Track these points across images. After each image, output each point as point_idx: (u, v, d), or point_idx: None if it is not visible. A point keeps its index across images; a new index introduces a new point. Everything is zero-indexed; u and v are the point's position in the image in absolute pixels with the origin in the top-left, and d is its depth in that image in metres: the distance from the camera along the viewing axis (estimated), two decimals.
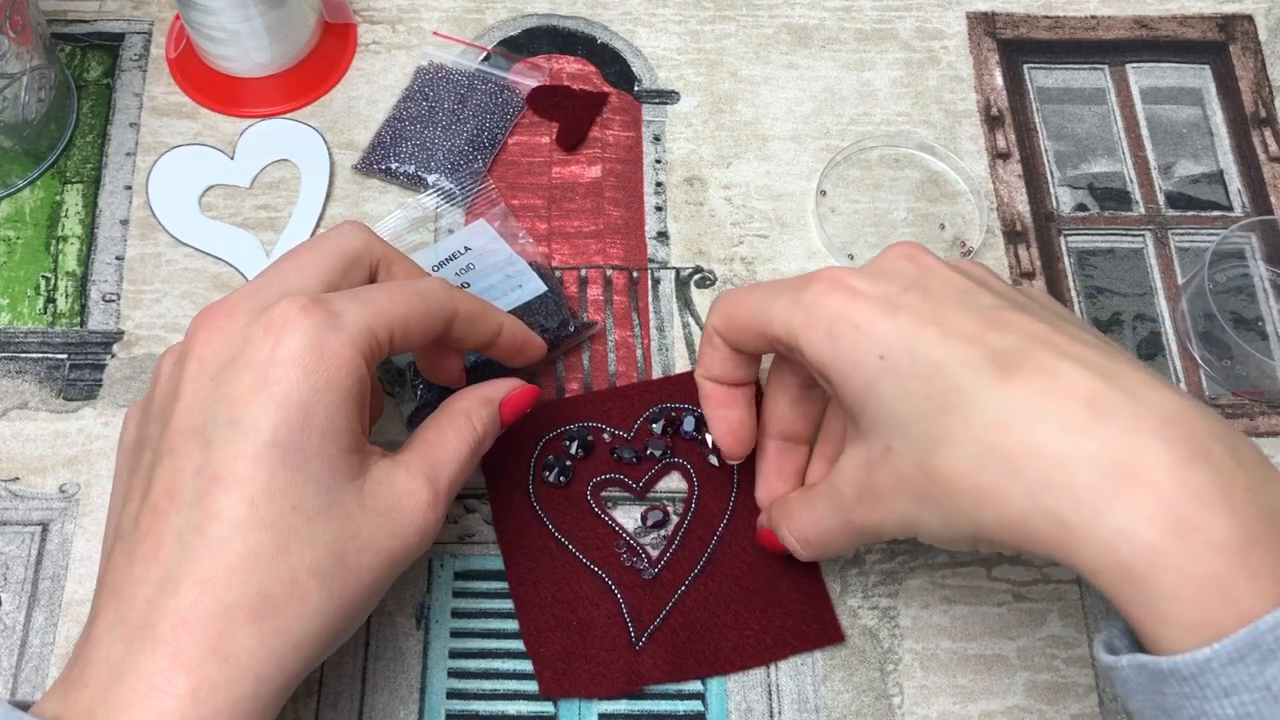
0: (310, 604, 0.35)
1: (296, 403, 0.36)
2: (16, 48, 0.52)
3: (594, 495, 0.49)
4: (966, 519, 0.35)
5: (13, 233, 0.56)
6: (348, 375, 0.37)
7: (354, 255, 0.41)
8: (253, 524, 0.35)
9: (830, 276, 0.39)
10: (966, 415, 0.34)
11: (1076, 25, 0.62)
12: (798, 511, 0.43)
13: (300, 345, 0.36)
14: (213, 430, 0.36)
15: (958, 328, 0.36)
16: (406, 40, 0.61)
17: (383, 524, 0.38)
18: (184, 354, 0.38)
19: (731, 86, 0.60)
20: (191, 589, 0.34)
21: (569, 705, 0.46)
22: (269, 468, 0.35)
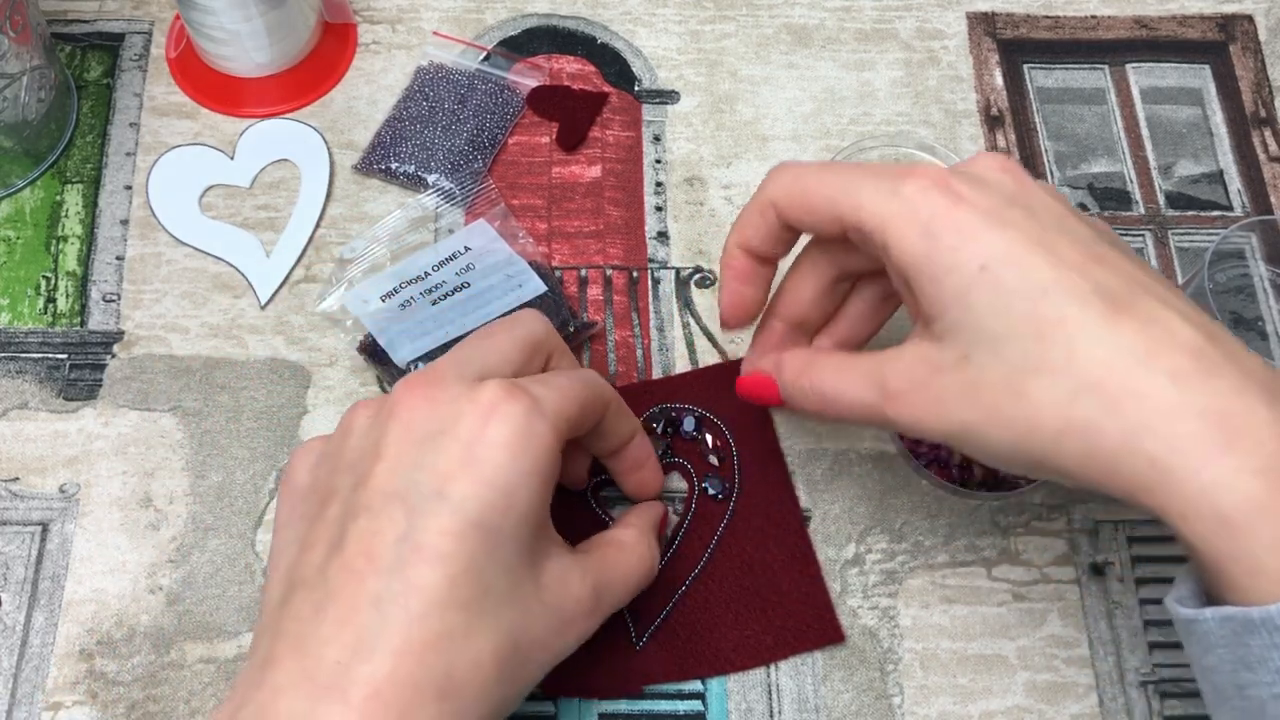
0: (488, 690, 0.35)
1: (503, 485, 0.36)
2: (16, 48, 0.52)
3: (594, 495, 0.49)
4: (1043, 446, 0.35)
5: (13, 233, 0.56)
6: (549, 462, 0.37)
7: (538, 344, 0.42)
8: (451, 603, 0.35)
9: (932, 175, 0.38)
10: (1071, 347, 0.34)
11: (1076, 25, 0.62)
12: (826, 371, 0.41)
13: (511, 429, 0.36)
14: (416, 499, 0.36)
15: (1065, 256, 0.36)
16: (406, 40, 0.61)
17: (552, 620, 0.38)
18: (388, 414, 0.38)
19: (731, 86, 0.60)
20: (387, 659, 0.34)
21: (569, 705, 0.46)
22: (470, 547, 0.35)
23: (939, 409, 0.37)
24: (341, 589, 0.35)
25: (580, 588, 0.39)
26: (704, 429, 0.50)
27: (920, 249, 0.37)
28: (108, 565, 0.48)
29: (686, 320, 0.54)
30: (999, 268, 0.36)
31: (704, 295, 0.55)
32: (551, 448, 0.37)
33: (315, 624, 0.35)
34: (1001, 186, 0.38)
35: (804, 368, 0.42)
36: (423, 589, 0.35)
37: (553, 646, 0.38)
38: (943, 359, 0.37)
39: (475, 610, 0.35)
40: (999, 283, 0.36)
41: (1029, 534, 0.49)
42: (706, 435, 0.50)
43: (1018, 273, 0.35)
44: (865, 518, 0.50)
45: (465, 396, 0.37)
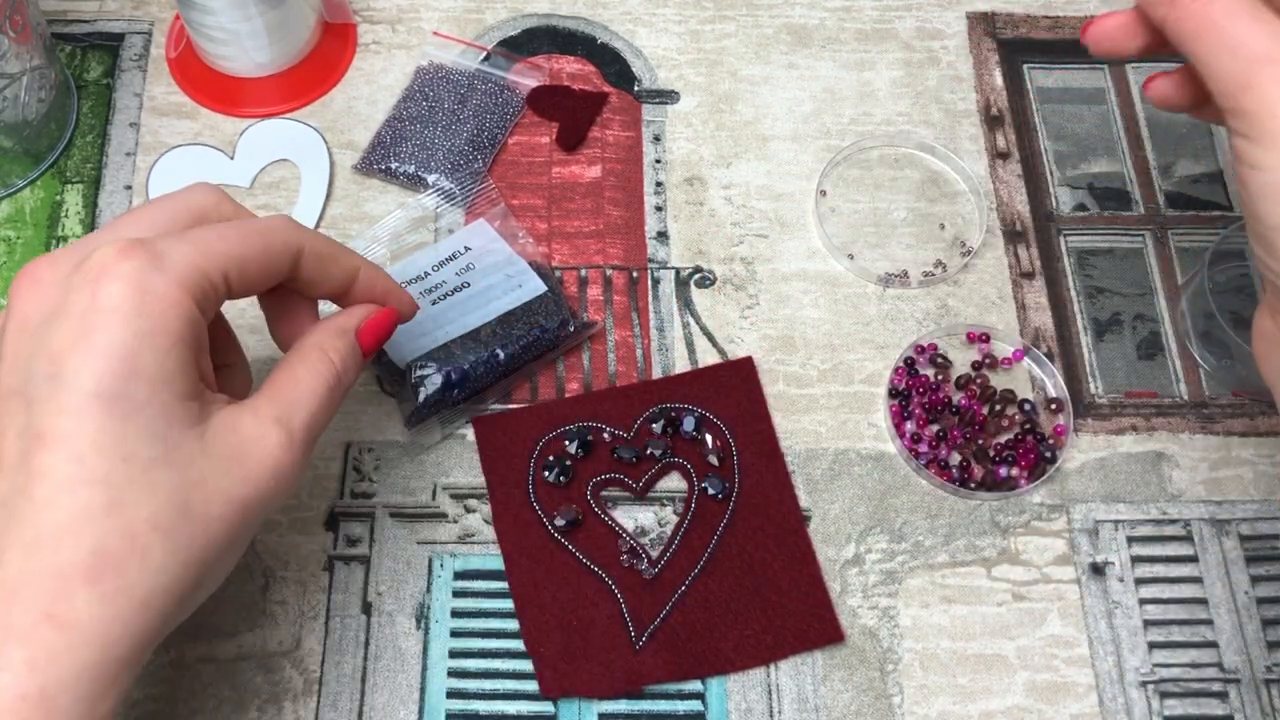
0: (153, 559, 0.33)
1: (120, 351, 0.33)
2: (16, 48, 0.52)
3: (594, 495, 0.49)
4: None
5: (13, 233, 0.56)
6: (176, 318, 0.34)
7: (199, 212, 0.38)
8: (81, 480, 0.32)
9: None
10: None
11: (1076, 25, 0.62)
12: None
13: (121, 289, 0.33)
14: (33, 388, 0.33)
15: None
16: (406, 40, 0.61)
17: (229, 470, 0.35)
18: (6, 313, 0.35)
19: (731, 86, 0.60)
20: (18, 554, 0.32)
21: (569, 705, 0.46)
22: (94, 420, 0.33)
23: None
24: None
25: (256, 424, 0.36)
26: (704, 429, 0.50)
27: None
28: None
29: (686, 320, 0.54)
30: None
31: (704, 295, 0.55)
32: (178, 302, 0.34)
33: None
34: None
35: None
36: (46, 473, 0.32)
37: (239, 493, 0.35)
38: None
39: (117, 482, 0.33)
40: None
41: (1029, 534, 0.49)
42: (706, 435, 0.50)
43: None
44: (865, 518, 0.50)
45: (76, 270, 0.34)
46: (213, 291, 0.36)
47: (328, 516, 0.49)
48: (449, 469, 0.50)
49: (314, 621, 0.47)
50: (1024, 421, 0.51)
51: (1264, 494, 0.51)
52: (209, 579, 0.36)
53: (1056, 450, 0.50)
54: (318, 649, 0.47)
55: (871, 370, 0.53)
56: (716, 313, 0.54)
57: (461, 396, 0.50)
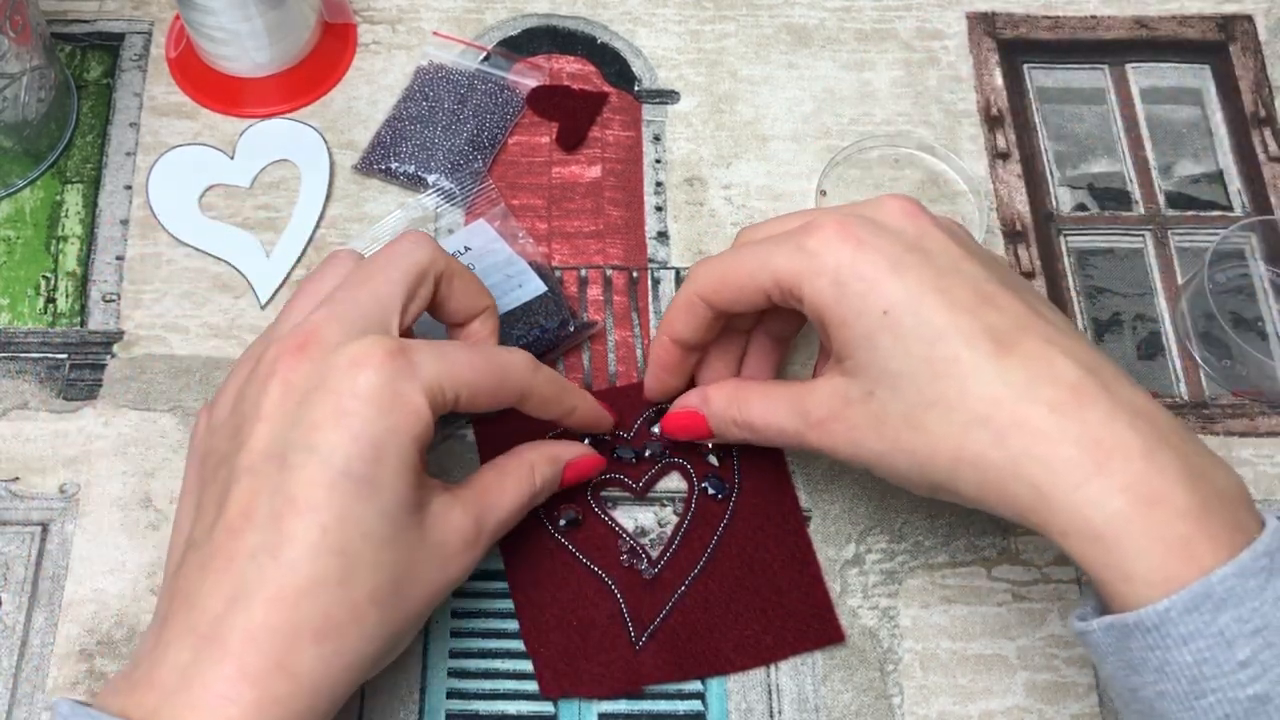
0: (368, 629, 0.37)
1: (370, 438, 0.37)
2: (16, 48, 0.52)
3: (594, 495, 0.49)
4: (941, 474, 0.38)
5: (13, 233, 0.56)
6: (417, 421, 0.38)
7: (421, 274, 0.42)
8: (323, 550, 0.36)
9: (834, 224, 0.40)
10: (963, 385, 0.38)
11: (1076, 25, 0.62)
12: (754, 401, 0.44)
13: (378, 384, 0.38)
14: (291, 455, 0.37)
15: (959, 299, 0.39)
16: (406, 40, 0.61)
17: (434, 556, 0.39)
18: (268, 374, 0.39)
19: (731, 86, 0.60)
20: (262, 607, 0.35)
21: (569, 705, 0.46)
22: (342, 496, 0.37)
23: (851, 438, 0.41)
24: (222, 546, 0.37)
25: (461, 520, 0.41)
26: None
27: (830, 297, 0.40)
28: (108, 565, 0.48)
29: None
30: (899, 312, 0.39)
31: None
32: (420, 409, 0.38)
33: (199, 581, 0.37)
34: (902, 232, 0.41)
35: (732, 399, 0.45)
36: (294, 538, 0.36)
37: (435, 580, 0.40)
38: (852, 393, 0.40)
39: (351, 555, 0.36)
40: (899, 327, 0.39)
41: (1029, 534, 0.49)
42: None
43: (915, 318, 0.39)
44: (865, 518, 0.50)
45: (340, 351, 0.38)
46: (445, 406, 0.40)
47: None
48: (449, 469, 0.50)
49: None
50: None
51: (1264, 494, 0.51)
52: (396, 652, 0.40)
53: None
54: None
55: None
56: None
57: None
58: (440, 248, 0.44)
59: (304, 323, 0.40)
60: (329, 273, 0.44)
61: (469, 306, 0.45)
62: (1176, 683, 0.34)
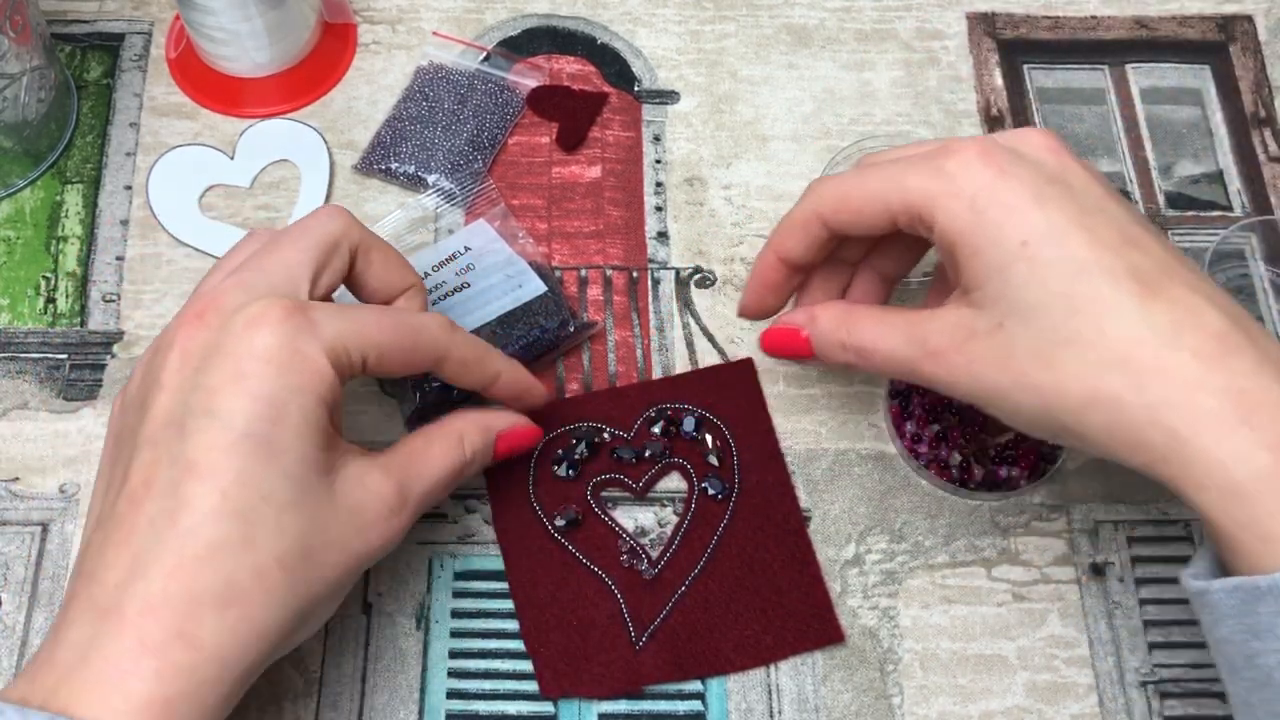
0: (275, 596, 0.36)
1: (269, 397, 0.36)
2: (16, 48, 0.52)
3: (594, 495, 0.49)
4: (1068, 415, 0.37)
5: (13, 233, 0.56)
6: (321, 381, 0.38)
7: (333, 243, 0.41)
8: (223, 513, 0.35)
9: (975, 148, 0.39)
10: (1102, 324, 0.36)
11: (1076, 25, 0.62)
12: (866, 324, 0.43)
13: (276, 343, 0.37)
14: (190, 420, 0.36)
15: (1103, 236, 0.38)
16: (406, 40, 0.61)
17: (349, 521, 0.38)
18: (167, 345, 0.38)
19: (731, 86, 0.60)
20: (160, 575, 0.35)
21: (569, 705, 0.46)
22: (241, 459, 0.36)
23: (972, 370, 0.39)
24: (124, 518, 0.36)
25: (381, 483, 0.40)
26: (704, 429, 0.50)
27: (966, 222, 0.39)
28: None
29: (686, 320, 0.54)
30: (1040, 243, 0.37)
31: (704, 295, 0.55)
32: (322, 368, 0.38)
33: (100, 555, 0.36)
34: (1043, 163, 0.39)
35: (842, 320, 0.43)
36: (192, 503, 0.35)
37: (352, 545, 0.38)
38: (978, 325, 0.39)
39: (252, 519, 0.36)
40: (1038, 258, 0.37)
41: (1029, 534, 0.49)
42: (706, 435, 0.50)
43: (1057, 250, 0.37)
44: (865, 518, 0.50)
45: (237, 315, 0.38)
46: (350, 368, 0.39)
47: None
48: None
49: None
50: None
51: None
52: (312, 621, 0.39)
53: (1056, 450, 0.50)
54: (318, 649, 0.47)
55: None
56: (717, 313, 0.54)
57: (461, 397, 0.50)
58: (356, 221, 0.42)
59: (204, 291, 0.39)
60: (242, 247, 0.42)
61: (390, 283, 0.44)
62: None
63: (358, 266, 0.43)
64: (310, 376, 0.37)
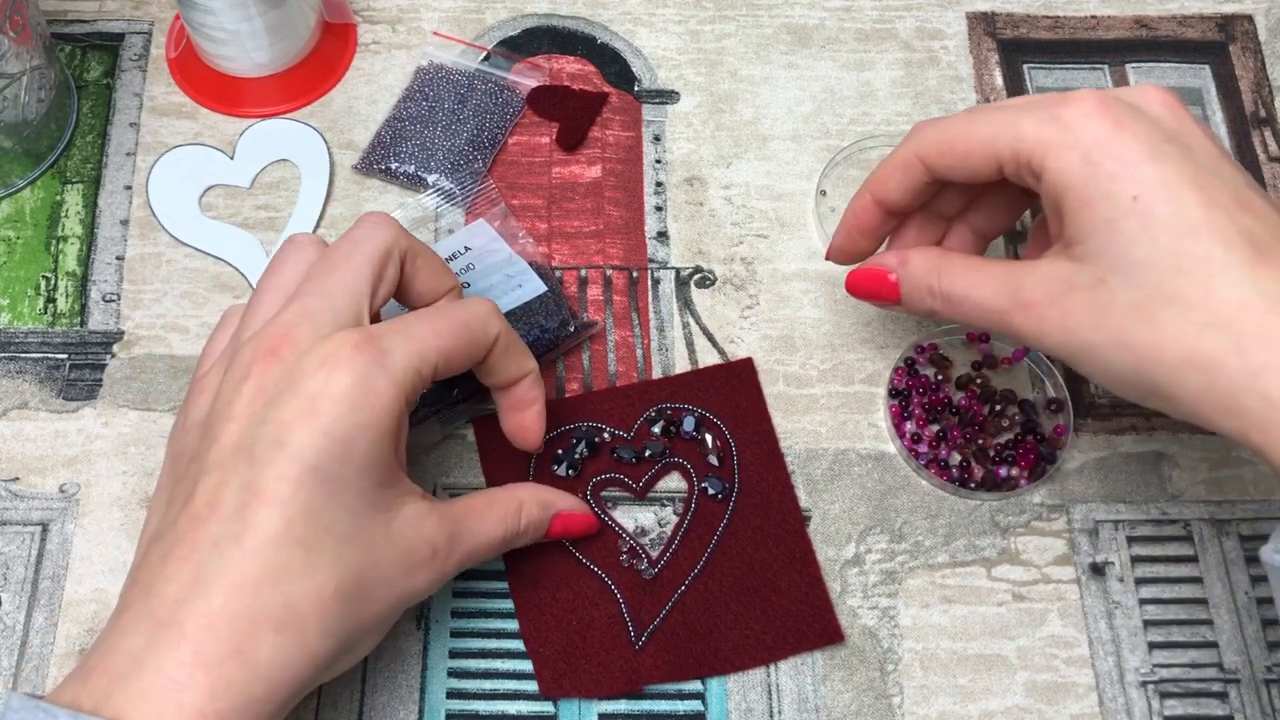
0: (329, 623, 0.37)
1: (340, 435, 0.37)
2: (16, 48, 0.52)
3: (594, 495, 0.49)
4: (1162, 375, 0.37)
5: (13, 233, 0.56)
6: (389, 415, 0.38)
7: (385, 257, 0.42)
8: (286, 540, 0.36)
9: (1094, 99, 0.39)
10: (1209, 285, 0.36)
11: (1076, 25, 0.62)
12: (958, 271, 0.42)
13: (349, 382, 0.38)
14: (260, 449, 0.37)
15: (1216, 198, 0.37)
16: (406, 40, 0.61)
17: (401, 560, 0.39)
18: (241, 376, 0.39)
19: (731, 86, 0.60)
20: (221, 593, 0.35)
21: (569, 705, 0.46)
22: (308, 491, 0.37)
23: (1066, 324, 0.39)
24: (185, 534, 0.37)
25: (434, 532, 0.40)
26: (704, 429, 0.50)
27: (1078, 173, 0.38)
28: (108, 565, 0.48)
29: (686, 320, 0.54)
30: (1152, 199, 0.37)
31: (704, 295, 0.55)
32: (392, 401, 0.38)
33: (160, 568, 0.36)
34: (1160, 120, 0.39)
35: (934, 265, 0.43)
36: (258, 528, 0.36)
37: (400, 584, 0.39)
38: (1078, 279, 0.38)
39: (314, 548, 0.36)
40: (1149, 213, 0.37)
41: (1029, 534, 0.49)
42: (706, 435, 0.50)
43: (1170, 207, 0.37)
44: (865, 518, 0.50)
45: (313, 351, 0.38)
46: (422, 385, 0.40)
47: None
48: (449, 469, 0.50)
49: None
50: (1024, 421, 0.51)
51: (1264, 494, 0.51)
52: (357, 651, 0.40)
53: (1056, 450, 0.50)
54: None
55: (871, 370, 0.53)
56: (716, 313, 0.54)
57: (461, 396, 0.50)
58: (401, 227, 0.43)
59: (275, 323, 0.39)
60: (291, 261, 0.42)
61: (434, 287, 0.44)
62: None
63: (406, 273, 0.43)
64: (379, 413, 0.38)
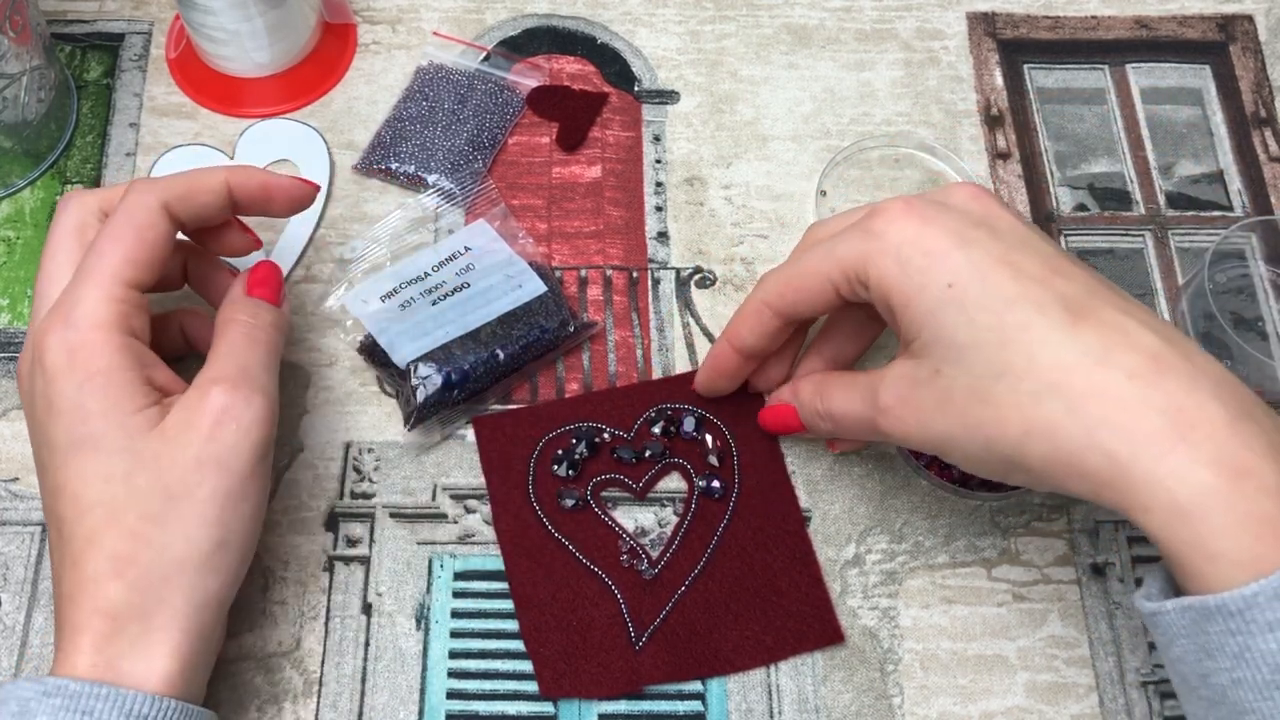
0: (158, 541, 0.39)
1: (71, 406, 0.40)
2: (16, 48, 0.52)
3: (594, 495, 0.49)
4: (1010, 447, 0.37)
5: (13, 233, 0.56)
6: (101, 356, 0.40)
7: (79, 230, 0.44)
8: (83, 510, 0.40)
9: (899, 205, 0.41)
10: (1032, 352, 0.37)
11: (1076, 25, 0.62)
12: (835, 390, 0.44)
13: (54, 358, 0.41)
14: (42, 454, 0.42)
15: (1027, 269, 0.38)
16: (406, 40, 0.61)
17: (186, 440, 0.40)
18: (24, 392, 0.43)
19: (731, 86, 0.60)
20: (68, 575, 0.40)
21: (569, 705, 0.46)
22: (75, 464, 0.40)
23: (919, 419, 0.40)
24: None
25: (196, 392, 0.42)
26: (704, 429, 0.50)
27: (895, 274, 0.40)
28: None
29: (686, 320, 0.54)
30: (964, 283, 0.38)
31: (704, 295, 0.55)
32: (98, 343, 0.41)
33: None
34: (968, 211, 0.41)
35: (816, 388, 0.45)
36: (65, 518, 0.41)
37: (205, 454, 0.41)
38: (919, 374, 0.40)
39: (107, 501, 0.40)
40: (965, 297, 0.38)
41: (1029, 534, 0.49)
42: (706, 435, 0.50)
43: (981, 287, 0.38)
44: (865, 518, 0.50)
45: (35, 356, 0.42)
46: (133, 306, 0.42)
47: (328, 517, 0.49)
48: (449, 469, 0.50)
49: (314, 622, 0.47)
50: None
51: None
52: (234, 524, 0.41)
53: None
54: (318, 649, 0.47)
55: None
56: (716, 313, 0.54)
57: (461, 397, 0.50)
58: (86, 192, 0.45)
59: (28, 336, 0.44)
60: None
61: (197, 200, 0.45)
62: (1257, 670, 0.33)
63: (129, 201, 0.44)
64: (91, 361, 0.40)
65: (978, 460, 0.39)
